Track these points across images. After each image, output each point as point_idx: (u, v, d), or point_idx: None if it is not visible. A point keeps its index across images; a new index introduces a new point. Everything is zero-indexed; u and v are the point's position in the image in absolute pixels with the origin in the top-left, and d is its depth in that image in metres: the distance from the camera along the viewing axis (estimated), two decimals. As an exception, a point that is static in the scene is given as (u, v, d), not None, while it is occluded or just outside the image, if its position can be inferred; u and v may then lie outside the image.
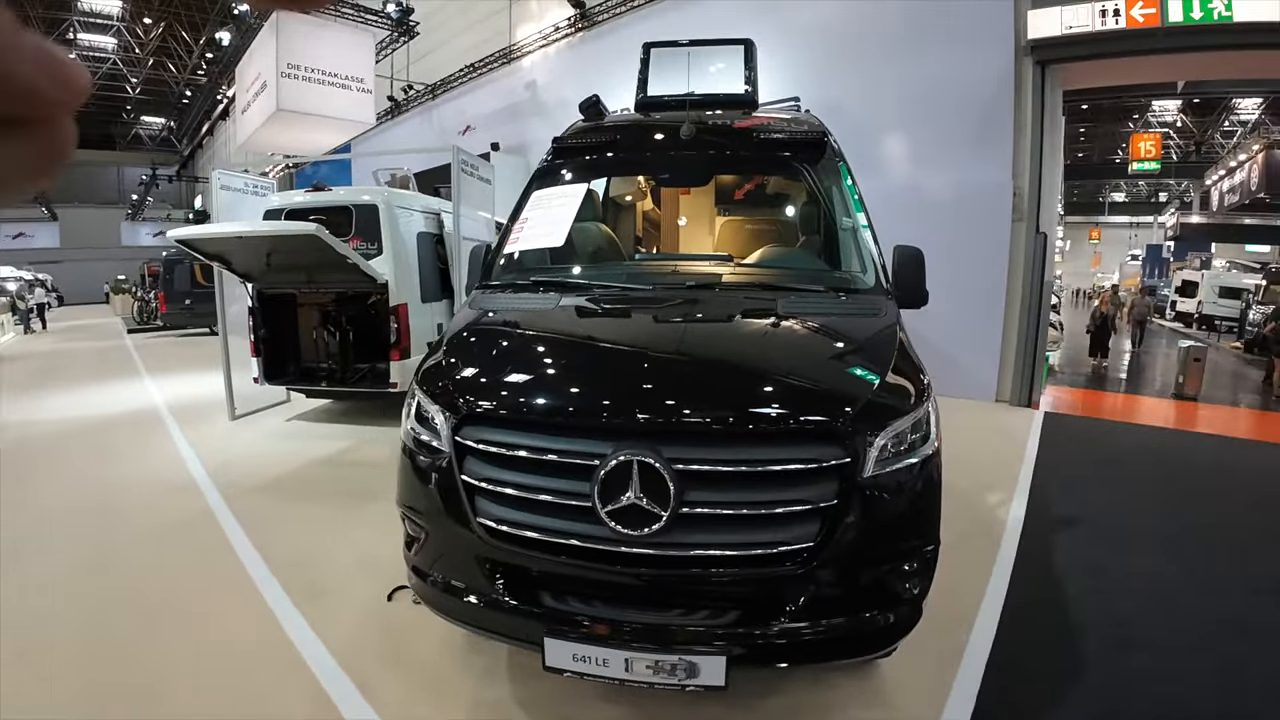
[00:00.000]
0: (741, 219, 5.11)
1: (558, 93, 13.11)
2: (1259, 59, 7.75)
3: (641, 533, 1.87)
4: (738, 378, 2.23)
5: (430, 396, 2.27)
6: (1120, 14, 7.38)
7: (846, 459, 1.92)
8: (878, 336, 2.42)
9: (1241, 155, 19.39)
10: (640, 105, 4.30)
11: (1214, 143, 28.49)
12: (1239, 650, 3.05)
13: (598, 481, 1.88)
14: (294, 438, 6.51)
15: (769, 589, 1.94)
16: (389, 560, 3.64)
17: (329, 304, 7.24)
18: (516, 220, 3.32)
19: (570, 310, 2.74)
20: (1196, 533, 4.47)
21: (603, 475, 1.87)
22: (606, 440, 1.94)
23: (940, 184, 8.65)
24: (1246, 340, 15.96)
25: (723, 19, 10.27)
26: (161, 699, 2.55)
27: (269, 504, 4.62)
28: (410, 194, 7.72)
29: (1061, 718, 2.52)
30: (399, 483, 2.41)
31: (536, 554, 2.01)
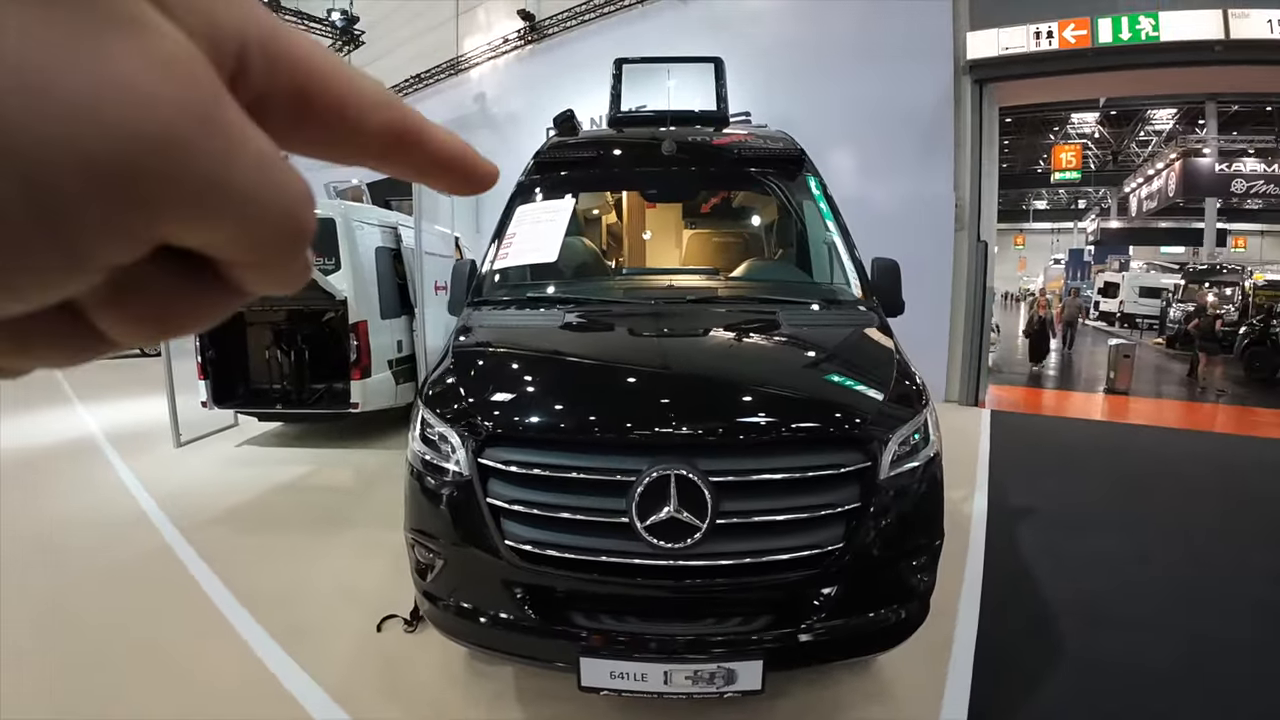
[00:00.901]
0: (709, 232, 5.19)
1: (507, 106, 13.04)
2: (1182, 75, 8.40)
3: (679, 545, 1.89)
4: (762, 389, 2.29)
5: (443, 418, 2.21)
6: (1053, 35, 7.88)
7: (867, 463, 2.02)
8: (878, 345, 2.55)
9: (1159, 164, 20.82)
10: (614, 121, 4.33)
11: (1130, 152, 30.45)
12: (1196, 621, 3.35)
13: (635, 497, 1.89)
14: (247, 464, 6.23)
15: (800, 591, 2.00)
16: (371, 589, 3.54)
17: (281, 322, 6.98)
18: (503, 236, 3.30)
19: (579, 326, 2.74)
20: (1142, 516, 4.86)
21: (640, 491, 1.88)
22: (642, 456, 1.95)
23: (887, 196, 8.99)
24: (1168, 336, 17.08)
25: (674, 36, 10.44)
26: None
27: (231, 536, 4.40)
28: (367, 207, 7.54)
29: (1050, 695, 2.69)
30: (408, 508, 2.34)
31: (570, 573, 1.99)
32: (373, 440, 6.93)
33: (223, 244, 0.18)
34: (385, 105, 0.23)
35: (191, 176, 0.16)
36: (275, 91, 0.20)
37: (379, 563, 3.91)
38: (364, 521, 4.64)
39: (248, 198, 0.18)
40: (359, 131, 0.22)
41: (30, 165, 0.14)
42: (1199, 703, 2.70)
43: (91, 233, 0.16)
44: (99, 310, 0.19)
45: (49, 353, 0.20)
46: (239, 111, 0.18)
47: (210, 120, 0.17)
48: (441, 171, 0.25)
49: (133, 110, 0.15)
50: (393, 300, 7.15)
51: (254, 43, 0.19)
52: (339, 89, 0.21)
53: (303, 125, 0.21)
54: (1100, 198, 35.73)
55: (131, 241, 0.17)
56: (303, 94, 0.20)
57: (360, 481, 5.68)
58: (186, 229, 0.17)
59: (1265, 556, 4.18)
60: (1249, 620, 3.37)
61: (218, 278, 0.20)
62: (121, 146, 0.15)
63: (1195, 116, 21.98)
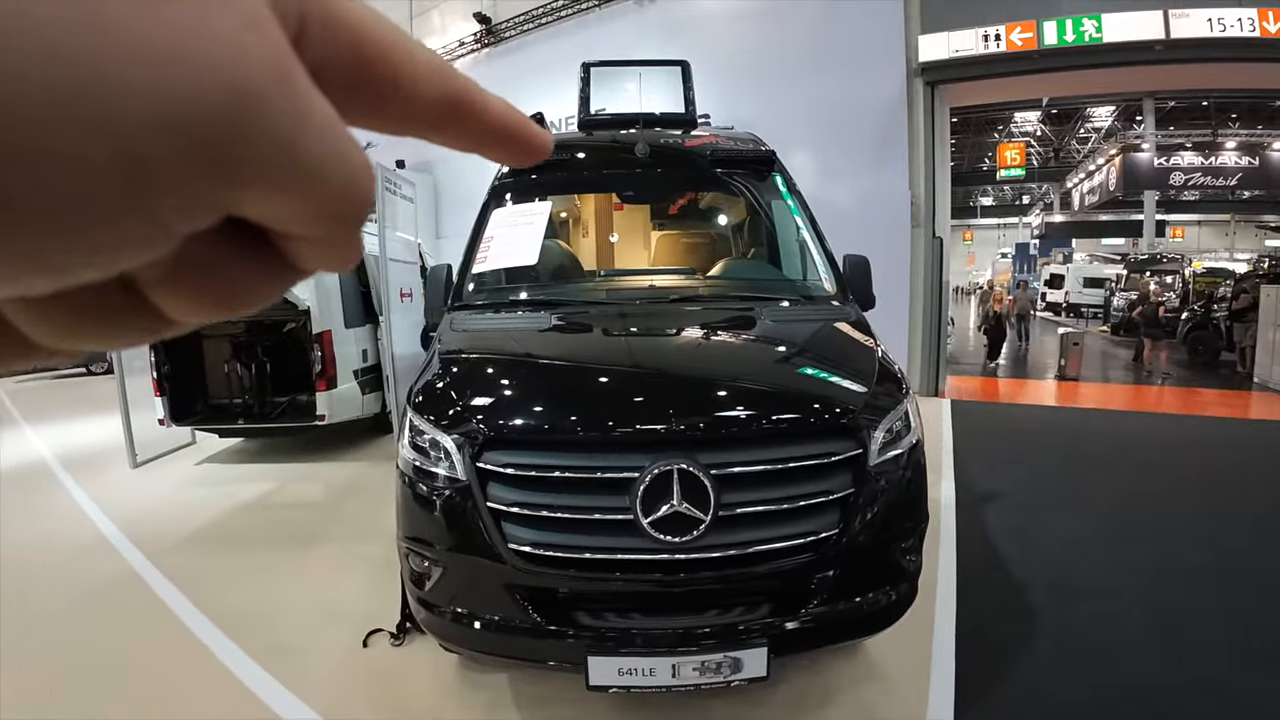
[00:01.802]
0: (679, 233, 5.24)
1: (466, 109, 12.89)
2: (1125, 74, 8.81)
3: (683, 539, 1.91)
4: (755, 383, 2.35)
5: (435, 423, 2.19)
6: (1001, 38, 8.19)
7: (858, 450, 2.10)
8: (859, 339, 2.63)
9: (1100, 159, 21.80)
10: (584, 124, 4.34)
11: (1071, 149, 31.72)
12: (1158, 589, 3.57)
13: (639, 493, 1.91)
14: (209, 483, 6.02)
15: (799, 577, 2.07)
16: (352, 604, 3.47)
17: (240, 334, 6.78)
18: (480, 239, 3.27)
19: (567, 327, 2.75)
20: (1099, 495, 5.14)
21: (644, 487, 1.91)
22: (643, 452, 1.98)
23: (845, 195, 9.19)
24: (1113, 324, 17.85)
25: (633, 39, 10.49)
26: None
27: (200, 559, 4.24)
28: (326, 215, 7.37)
29: (1030, 665, 2.85)
30: (400, 517, 2.31)
31: (574, 573, 2.00)
32: (341, 452, 6.77)
33: (288, 214, 0.18)
34: (442, 75, 0.22)
35: (268, 138, 0.16)
36: (333, 58, 0.19)
37: (357, 577, 3.83)
38: (338, 536, 4.53)
39: (315, 165, 0.17)
40: (415, 101, 0.22)
41: (122, 119, 0.14)
42: (1165, 664, 2.85)
43: (174, 195, 0.15)
44: (158, 285, 0.18)
45: (103, 331, 0.19)
46: (306, 75, 0.17)
47: (288, 79, 0.16)
48: (497, 141, 0.25)
49: (221, 61, 0.15)
50: (356, 309, 7.01)
51: (314, 7, 0.19)
52: (397, 57, 0.21)
53: (359, 94, 0.20)
54: (1043, 193, 37.12)
55: (207, 207, 0.16)
56: (360, 61, 0.20)
57: (330, 495, 5.55)
58: (258, 196, 0.17)
59: (1216, 526, 4.43)
60: (1204, 586, 3.58)
61: (276, 252, 0.20)
62: (208, 100, 0.15)
63: (1133, 113, 23.08)
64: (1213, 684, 2.71)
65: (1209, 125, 21.06)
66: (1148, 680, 2.75)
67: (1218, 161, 18.93)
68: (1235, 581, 3.65)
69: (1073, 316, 22.65)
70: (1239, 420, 8.29)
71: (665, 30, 10.45)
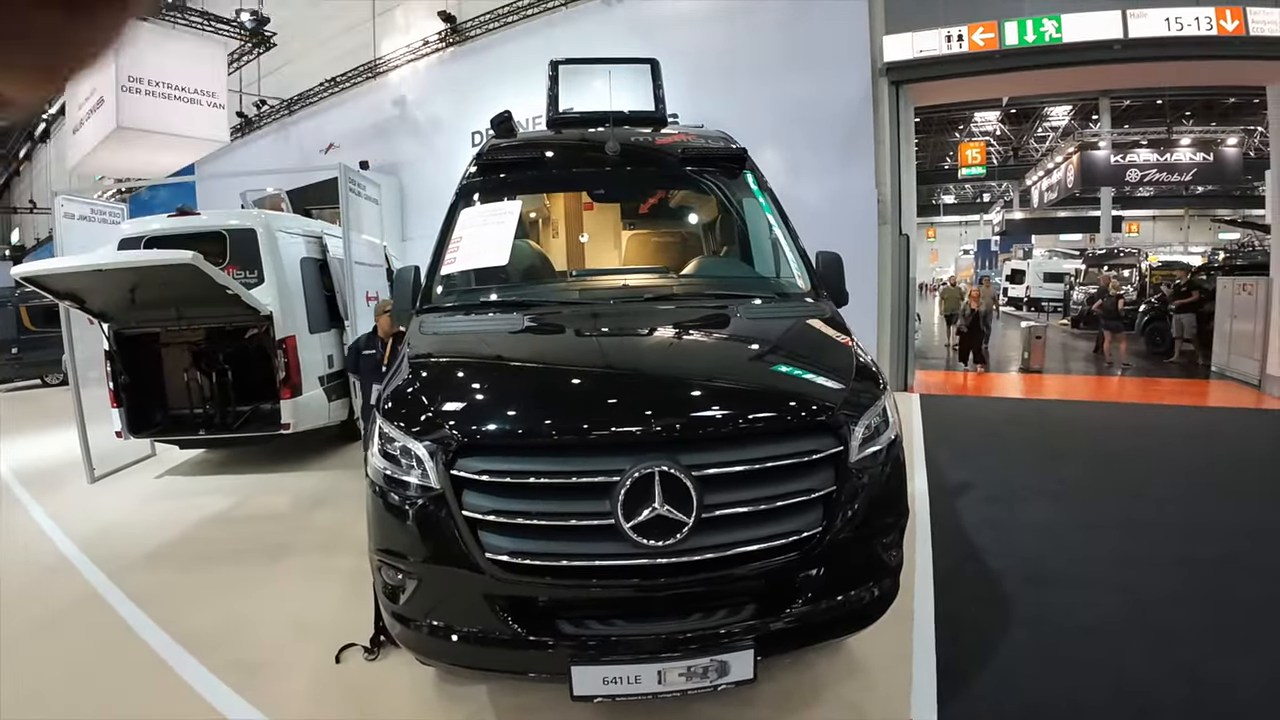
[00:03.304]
0: (650, 232, 5.20)
1: (429, 109, 12.72)
2: (1085, 73, 9.05)
3: (665, 543, 1.87)
4: (734, 381, 2.32)
5: (406, 430, 2.11)
6: (963, 39, 8.38)
7: (839, 447, 2.07)
8: (835, 335, 2.61)
9: (1058, 157, 22.41)
10: (552, 122, 4.28)
11: (1029, 148, 32.50)
12: (1127, 575, 3.66)
13: (620, 497, 1.86)
14: (171, 497, 5.81)
15: (784, 578, 2.04)
16: (323, 619, 3.36)
17: (200, 341, 6.55)
18: (448, 240, 3.20)
19: (540, 328, 2.69)
20: (1066, 484, 5.26)
21: (625, 490, 1.86)
22: (624, 455, 1.93)
23: (814, 193, 9.26)
24: (1073, 317, 18.32)
25: (600, 39, 10.44)
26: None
27: (164, 576, 4.07)
28: (290, 216, 7.19)
29: (1008, 650, 2.92)
30: (372, 528, 2.23)
31: (554, 581, 1.95)
32: (307, 462, 6.59)
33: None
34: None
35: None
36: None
37: (328, 590, 3.71)
38: (306, 548, 4.40)
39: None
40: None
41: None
42: (1135, 648, 2.92)
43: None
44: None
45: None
46: None
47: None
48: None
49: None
50: (321, 313, 6.84)
51: None
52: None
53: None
54: (1003, 191, 37.99)
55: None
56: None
57: (298, 507, 5.38)
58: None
59: (1179, 510, 4.57)
60: (1170, 571, 3.67)
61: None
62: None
63: (1090, 112, 23.75)
64: (1187, 667, 2.77)
65: (1164, 122, 21.77)
66: (1123, 665, 2.80)
67: (1173, 158, 19.59)
68: (1204, 567, 3.74)
69: (1034, 310, 23.22)
70: (1201, 408, 8.59)
71: (633, 30, 10.42)
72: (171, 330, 6.23)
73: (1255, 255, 12.19)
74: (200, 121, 10.92)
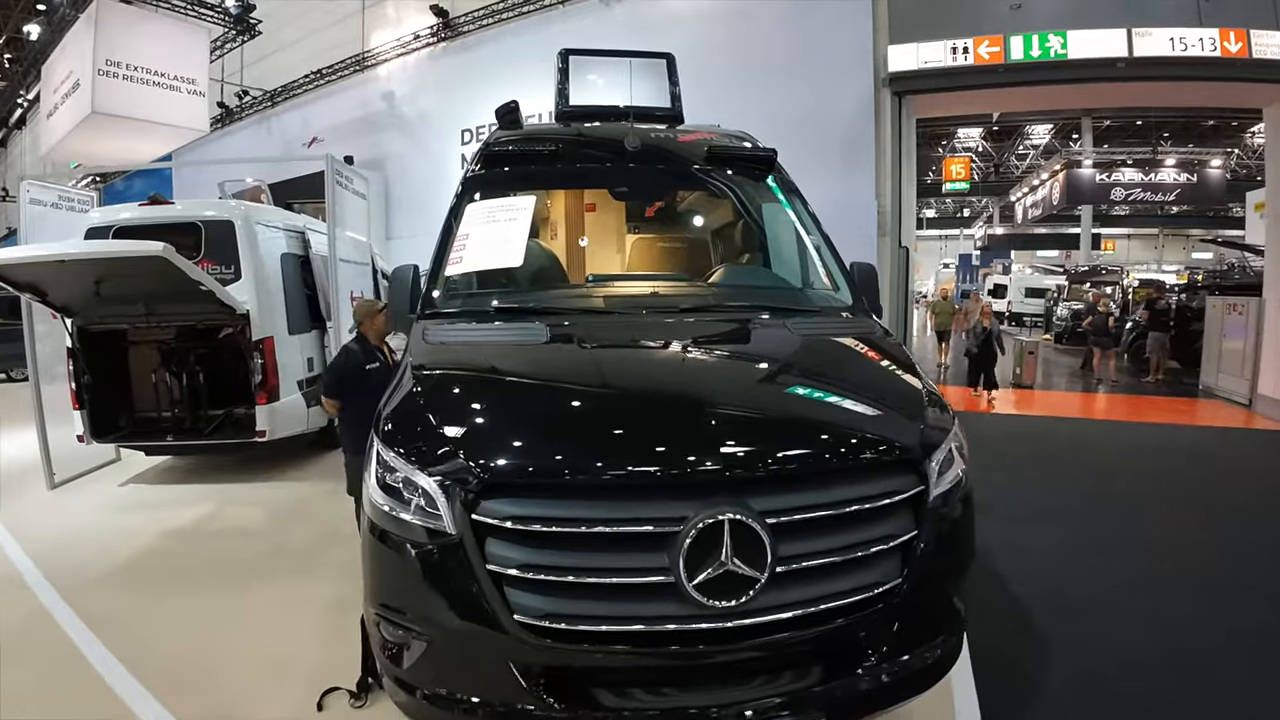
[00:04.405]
0: (656, 237, 4.93)
1: (418, 105, 12.39)
2: (1086, 90, 8.99)
3: (732, 603, 1.58)
4: (806, 411, 2.02)
5: (412, 460, 1.79)
6: (969, 51, 8.31)
7: (920, 486, 1.82)
8: (897, 356, 2.35)
9: (1045, 174, 22.66)
10: (562, 115, 4.00)
11: (1010, 165, 32.91)
12: (1146, 600, 3.58)
13: (683, 550, 1.56)
14: (136, 507, 5.39)
15: (858, 636, 1.78)
16: (302, 656, 3.03)
17: (170, 340, 6.14)
18: (453, 238, 2.89)
19: (569, 342, 2.36)
20: (1072, 503, 5.18)
21: (688, 542, 1.56)
22: (686, 499, 1.63)
23: (814, 202, 9.03)
24: (1056, 333, 18.43)
25: (597, 38, 10.12)
26: None
27: (123, 598, 3.70)
28: (271, 209, 6.79)
29: (1048, 680, 2.85)
30: (369, 577, 1.91)
31: (597, 648, 1.64)
32: (283, 471, 6.20)
33: None
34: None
35: None
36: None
37: (307, 621, 3.38)
38: (283, 570, 4.05)
39: None
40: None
41: None
42: (1179, 685, 2.80)
43: None
44: None
45: None
46: None
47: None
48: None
49: None
50: (301, 313, 6.47)
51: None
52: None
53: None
54: (983, 206, 38.46)
55: None
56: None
57: (273, 522, 5.00)
58: None
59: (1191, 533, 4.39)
60: (1191, 597, 3.57)
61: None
62: None
63: (1071, 131, 24.06)
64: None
65: (1142, 142, 22.14)
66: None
67: (1157, 178, 19.95)
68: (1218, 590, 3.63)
69: (1015, 325, 23.38)
70: (1208, 428, 8.56)
71: (631, 30, 10.18)
72: (140, 328, 5.82)
73: (1248, 275, 12.28)
74: (179, 109, 10.48)
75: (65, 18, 10.86)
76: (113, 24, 9.29)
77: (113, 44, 9.39)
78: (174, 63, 10.22)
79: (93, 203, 6.64)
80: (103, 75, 9.29)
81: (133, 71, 9.61)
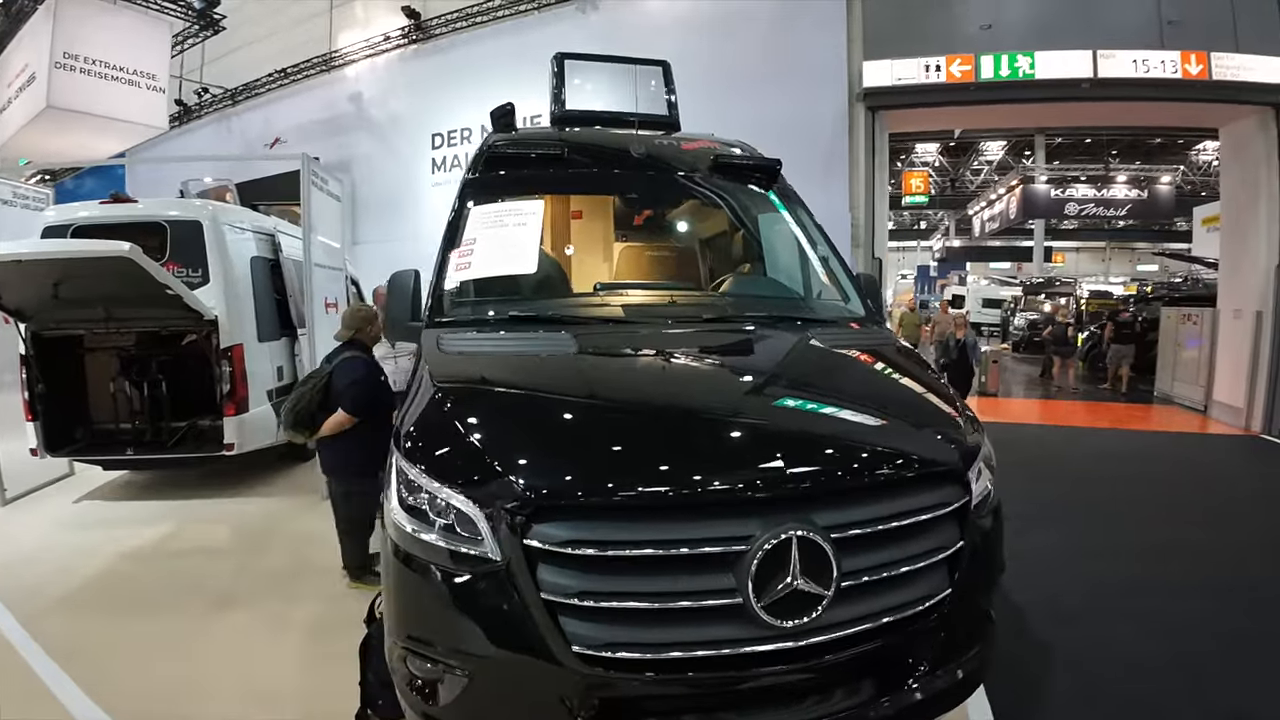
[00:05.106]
0: (647, 245, 4.86)
1: (387, 108, 12.11)
2: (1052, 109, 9.31)
3: (797, 623, 1.53)
4: (859, 424, 1.97)
5: (452, 483, 1.66)
6: (941, 69, 8.51)
7: (966, 497, 1.82)
8: (923, 367, 2.37)
9: (1001, 189, 23.51)
10: (557, 119, 3.92)
11: (965, 179, 33.96)
12: (1139, 604, 3.66)
13: (751, 569, 1.50)
14: (93, 525, 5.07)
15: (911, 648, 1.76)
16: (285, 688, 2.85)
17: (131, 347, 5.81)
18: (458, 242, 2.77)
19: (599, 354, 2.27)
20: (1052, 510, 5.24)
21: (757, 561, 1.50)
22: (749, 517, 1.57)
23: (791, 213, 9.15)
24: (1014, 342, 19.05)
25: (573, 45, 10.05)
26: None
27: (86, 624, 3.45)
28: (240, 210, 6.51)
29: (1054, 687, 2.90)
30: (396, 608, 1.78)
31: (659, 677, 1.55)
32: (250, 486, 5.91)
33: None
34: None
35: None
36: None
37: (288, 649, 3.19)
38: (257, 593, 3.82)
39: None
40: None
41: None
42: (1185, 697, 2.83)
43: None
44: None
45: None
46: None
47: None
48: None
49: None
50: (271, 319, 6.20)
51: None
52: None
53: None
54: (939, 219, 39.58)
55: None
56: None
57: (243, 541, 4.73)
58: None
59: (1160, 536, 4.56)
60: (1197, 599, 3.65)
61: None
62: None
63: (1023, 147, 24.99)
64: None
65: (1092, 159, 23.16)
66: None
67: (1109, 193, 20.90)
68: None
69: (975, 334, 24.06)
70: (1168, 434, 8.93)
71: (607, 37, 10.14)
72: (98, 333, 5.50)
73: (1199, 288, 12.91)
74: (138, 105, 9.97)
75: (24, 9, 10.27)
76: (72, 15, 8.81)
77: (71, 36, 8.91)
78: (134, 57, 9.72)
79: (49, 200, 6.26)
80: (59, 68, 8.80)
81: (91, 65, 9.12)
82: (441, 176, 11.68)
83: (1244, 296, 8.87)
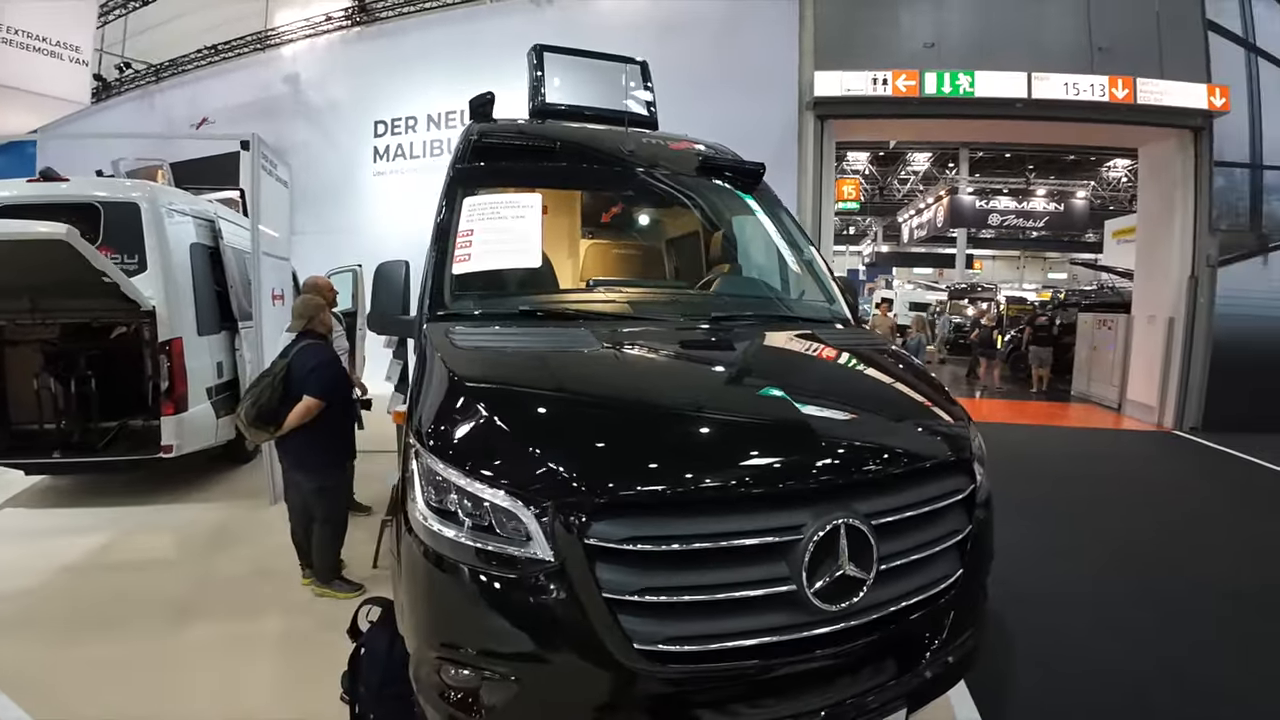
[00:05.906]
0: (618, 244, 4.84)
1: (327, 92, 11.60)
2: (989, 126, 9.92)
3: (845, 605, 1.60)
4: (886, 417, 2.10)
5: (497, 482, 1.62)
6: (888, 83, 8.92)
7: (973, 485, 1.98)
8: (915, 364, 2.51)
9: (930, 199, 24.76)
10: (536, 112, 3.86)
11: (893, 188, 35.48)
12: (1089, 590, 4.04)
13: (805, 557, 1.56)
14: (18, 536, 4.63)
15: (927, 627, 1.87)
16: (261, 709, 2.69)
17: (55, 340, 5.35)
18: (454, 234, 2.69)
19: (626, 348, 2.26)
20: (1007, 507, 5.55)
21: (811, 548, 1.56)
22: (799, 507, 1.63)
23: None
24: (940, 343, 20.08)
25: (524, 39, 9.86)
26: None
27: (25, 648, 3.14)
28: (178, 192, 6.07)
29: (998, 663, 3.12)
30: (426, 615, 1.72)
31: (718, 667, 1.58)
32: (188, 490, 5.56)
33: None
34: None
35: None
36: None
37: (259, 669, 3.02)
38: (212, 608, 3.58)
39: None
40: None
41: None
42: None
43: None
44: None
45: None
46: None
47: None
48: None
49: None
50: (211, 311, 5.82)
51: None
52: None
53: None
54: (867, 225, 41.20)
55: None
56: None
57: (187, 550, 4.41)
58: None
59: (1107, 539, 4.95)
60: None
61: None
62: None
63: (947, 160, 26.42)
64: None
65: (1010, 173, 24.80)
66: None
67: (1029, 205, 22.43)
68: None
69: (900, 337, 25.21)
70: (1088, 429, 9.63)
71: (561, 34, 9.90)
72: (21, 325, 5.04)
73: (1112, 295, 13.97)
74: (60, 78, 9.20)
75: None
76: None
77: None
78: (57, 27, 8.92)
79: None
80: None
81: (11, 35, 8.31)
82: (384, 165, 11.28)
83: (1158, 304, 9.67)
